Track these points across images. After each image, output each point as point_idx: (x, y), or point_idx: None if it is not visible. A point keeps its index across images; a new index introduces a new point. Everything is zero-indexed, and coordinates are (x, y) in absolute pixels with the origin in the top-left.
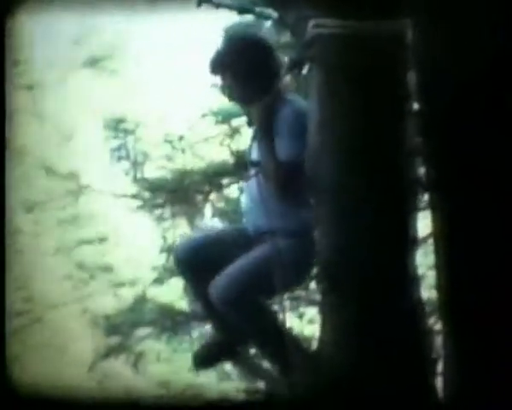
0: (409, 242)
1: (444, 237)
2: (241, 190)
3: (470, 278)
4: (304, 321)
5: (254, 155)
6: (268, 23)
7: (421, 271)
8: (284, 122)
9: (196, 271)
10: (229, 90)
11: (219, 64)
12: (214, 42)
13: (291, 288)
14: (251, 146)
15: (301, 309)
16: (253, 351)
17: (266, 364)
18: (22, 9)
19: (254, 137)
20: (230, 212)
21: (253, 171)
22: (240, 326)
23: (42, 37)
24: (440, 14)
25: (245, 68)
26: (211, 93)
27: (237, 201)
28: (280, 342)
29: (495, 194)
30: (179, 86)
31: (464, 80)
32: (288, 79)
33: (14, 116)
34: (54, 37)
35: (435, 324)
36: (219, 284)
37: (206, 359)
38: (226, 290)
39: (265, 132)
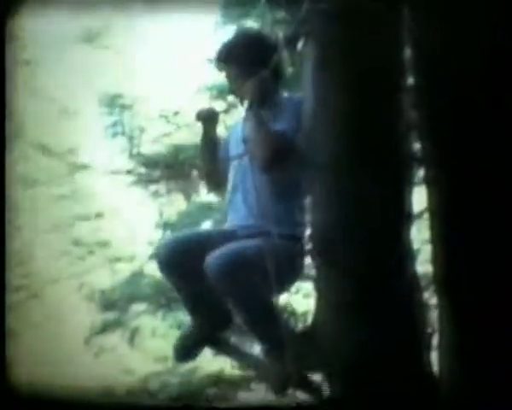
0: (404, 216)
1: (439, 211)
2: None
3: (465, 252)
4: (299, 296)
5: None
6: None
7: (416, 245)
8: (281, 105)
9: (179, 271)
10: (231, 81)
11: (225, 56)
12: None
13: (285, 286)
14: (243, 126)
15: (297, 284)
16: (233, 337)
17: (248, 348)
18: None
19: (246, 116)
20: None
21: (242, 150)
22: (232, 303)
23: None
24: (439, 9)
25: (249, 61)
26: (206, 68)
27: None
28: (272, 322)
29: (491, 167)
30: (175, 61)
31: (460, 61)
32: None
33: (12, 93)
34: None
35: (430, 298)
36: (215, 258)
37: (185, 351)
38: (222, 262)
39: (258, 106)
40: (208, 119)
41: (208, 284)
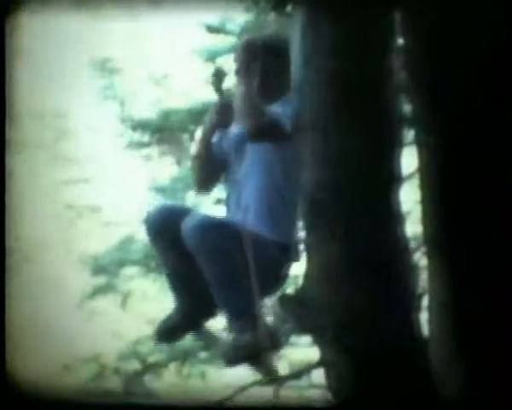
0: (393, 177)
1: (430, 172)
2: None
3: (456, 212)
4: None
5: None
6: None
7: (407, 206)
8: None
9: (166, 239)
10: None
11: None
12: None
13: (265, 292)
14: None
15: None
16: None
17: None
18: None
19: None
20: None
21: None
22: (202, 264)
23: None
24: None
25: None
26: (196, 32)
27: None
28: (238, 294)
29: (480, 127)
30: (165, 25)
31: (453, 29)
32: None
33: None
34: None
35: (421, 259)
36: (192, 218)
37: (167, 334)
38: (198, 221)
39: (247, 71)
40: None
41: (192, 263)
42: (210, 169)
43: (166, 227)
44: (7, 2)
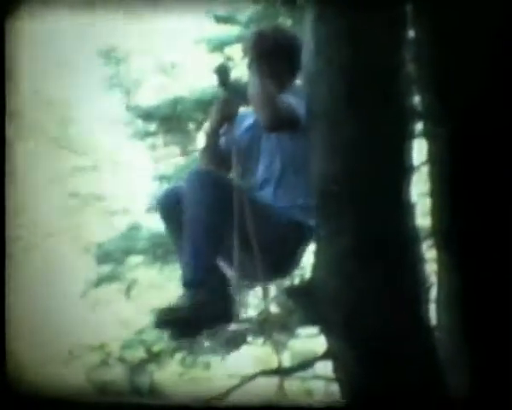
0: (404, 169)
1: (440, 164)
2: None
3: (466, 204)
4: None
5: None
6: None
7: (414, 198)
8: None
9: (176, 221)
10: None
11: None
12: None
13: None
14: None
15: None
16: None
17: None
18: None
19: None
20: None
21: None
22: (186, 220)
23: None
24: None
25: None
26: (204, 21)
27: None
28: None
29: (491, 119)
30: (173, 14)
31: (464, 22)
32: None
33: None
34: None
35: (427, 251)
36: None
37: (183, 331)
38: (199, 170)
39: (259, 63)
40: None
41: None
42: (217, 163)
43: (176, 209)
44: (7, 2)
